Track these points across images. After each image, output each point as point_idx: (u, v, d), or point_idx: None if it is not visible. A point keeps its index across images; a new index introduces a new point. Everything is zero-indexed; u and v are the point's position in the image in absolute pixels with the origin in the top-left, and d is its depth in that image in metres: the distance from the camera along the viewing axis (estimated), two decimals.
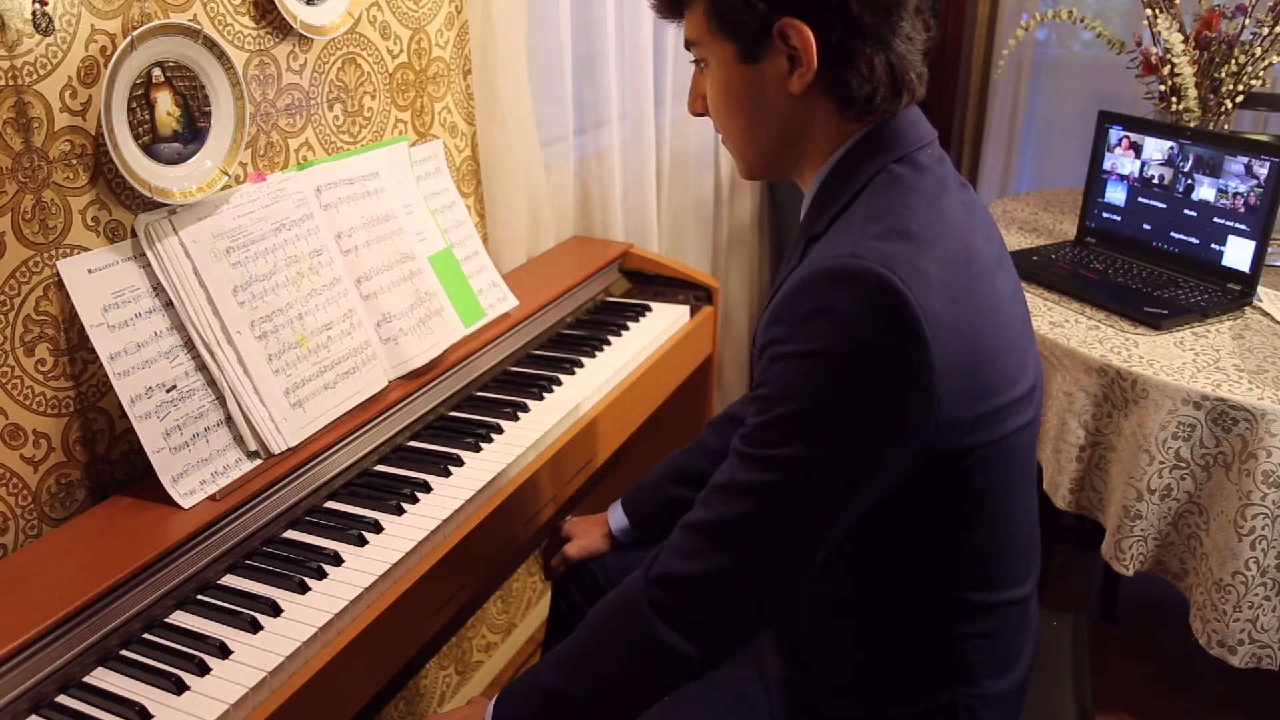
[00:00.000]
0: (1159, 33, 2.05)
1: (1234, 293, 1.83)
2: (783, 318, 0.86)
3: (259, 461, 1.25)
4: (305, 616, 1.09)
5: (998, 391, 0.89)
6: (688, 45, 1.01)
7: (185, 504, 1.17)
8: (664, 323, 1.85)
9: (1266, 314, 1.81)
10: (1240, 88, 2.02)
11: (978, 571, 0.97)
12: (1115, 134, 2.05)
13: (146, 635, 1.07)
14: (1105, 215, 2.09)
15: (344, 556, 1.18)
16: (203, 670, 1.02)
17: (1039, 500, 1.07)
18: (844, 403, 0.84)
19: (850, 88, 0.92)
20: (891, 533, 0.94)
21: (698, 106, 1.04)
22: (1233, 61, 2.01)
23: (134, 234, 1.22)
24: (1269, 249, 1.84)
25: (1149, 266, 1.97)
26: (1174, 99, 2.08)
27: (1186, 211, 1.93)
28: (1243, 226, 1.83)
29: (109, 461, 1.25)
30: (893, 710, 1.02)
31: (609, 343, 1.76)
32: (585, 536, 1.43)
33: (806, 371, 0.84)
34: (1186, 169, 1.92)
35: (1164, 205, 1.97)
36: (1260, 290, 1.87)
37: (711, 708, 1.14)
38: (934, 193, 0.92)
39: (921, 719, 1.01)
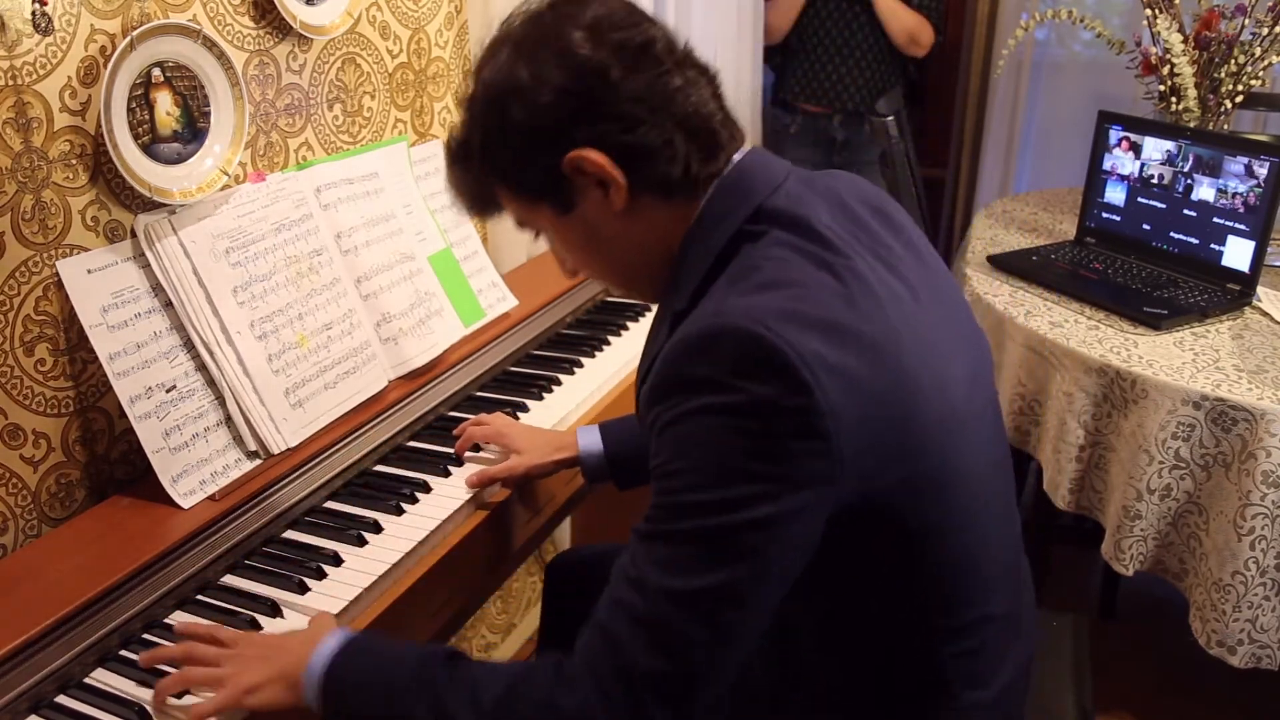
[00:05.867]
0: (1159, 33, 2.05)
1: (1233, 293, 1.83)
2: (660, 394, 0.84)
3: (259, 461, 1.25)
4: (304, 617, 1.09)
5: (915, 415, 0.85)
6: (520, 227, 1.02)
7: (185, 504, 1.16)
8: None
9: (1266, 314, 1.81)
10: (1240, 88, 2.02)
11: (943, 594, 0.94)
12: (1115, 134, 2.05)
13: (146, 635, 1.07)
14: (1105, 215, 2.09)
15: (343, 557, 1.18)
16: None
17: (1035, 506, 1.05)
18: (738, 457, 0.80)
19: (665, 174, 0.91)
20: (845, 566, 0.90)
21: (567, 268, 1.04)
22: (1232, 61, 2.01)
23: (133, 234, 1.22)
24: (1268, 249, 1.84)
25: (1149, 266, 1.97)
26: (1174, 99, 2.08)
27: (1186, 211, 1.93)
28: (1242, 226, 1.83)
29: (108, 461, 1.25)
30: None
31: (608, 342, 1.76)
32: (533, 452, 1.31)
33: (694, 431, 0.81)
34: (1186, 169, 1.92)
35: (1164, 205, 1.97)
36: (1260, 290, 1.87)
37: None
38: (798, 235, 0.89)
39: None
